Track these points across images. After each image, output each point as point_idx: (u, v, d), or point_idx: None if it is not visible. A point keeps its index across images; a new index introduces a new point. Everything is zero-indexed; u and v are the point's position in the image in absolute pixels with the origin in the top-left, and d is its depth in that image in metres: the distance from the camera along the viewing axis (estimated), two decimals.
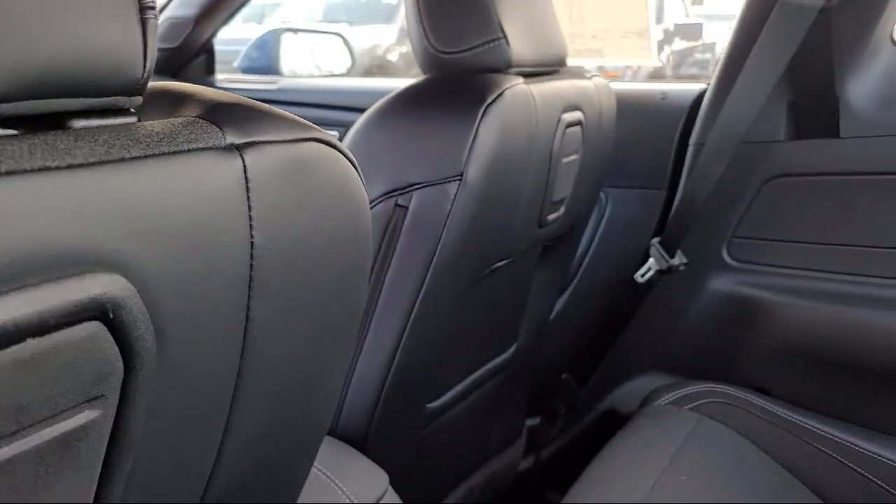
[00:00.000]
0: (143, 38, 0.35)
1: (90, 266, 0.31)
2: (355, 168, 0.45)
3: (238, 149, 0.37)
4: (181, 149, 0.35)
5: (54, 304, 0.30)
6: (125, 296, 0.32)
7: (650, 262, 1.29)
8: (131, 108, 0.37)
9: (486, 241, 0.91)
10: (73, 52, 0.32)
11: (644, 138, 1.38)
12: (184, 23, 1.73)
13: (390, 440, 0.96)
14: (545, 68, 1.01)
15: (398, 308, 0.87)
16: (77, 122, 0.34)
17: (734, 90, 1.18)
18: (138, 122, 0.36)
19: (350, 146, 0.87)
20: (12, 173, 0.29)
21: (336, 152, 0.43)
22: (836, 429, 1.11)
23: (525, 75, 0.92)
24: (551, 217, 1.03)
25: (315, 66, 2.15)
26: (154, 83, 0.39)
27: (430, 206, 0.84)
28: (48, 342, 0.30)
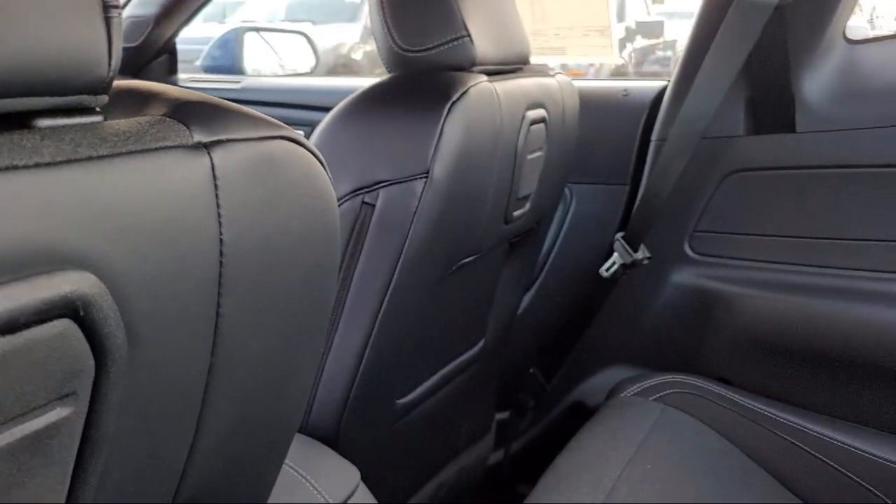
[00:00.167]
0: (108, 37, 0.35)
1: (60, 264, 0.31)
2: (323, 166, 0.45)
3: (206, 147, 0.38)
4: (149, 147, 0.35)
5: (24, 302, 0.30)
6: (95, 293, 0.32)
7: (614, 256, 1.30)
8: (97, 108, 0.36)
9: (453, 237, 0.92)
10: (38, 51, 0.32)
11: (607, 135, 1.39)
12: (144, 21, 1.71)
13: (361, 436, 0.96)
14: (509, 66, 1.02)
15: (367, 305, 0.87)
16: (42, 122, 0.34)
17: (694, 87, 1.20)
18: (104, 121, 0.36)
19: (316, 145, 0.87)
20: None
21: (304, 150, 0.44)
22: (795, 415, 1.14)
23: (489, 73, 0.93)
24: (517, 213, 1.04)
25: (279, 66, 2.14)
26: (119, 82, 0.39)
27: (397, 203, 0.85)
28: (19, 340, 0.30)
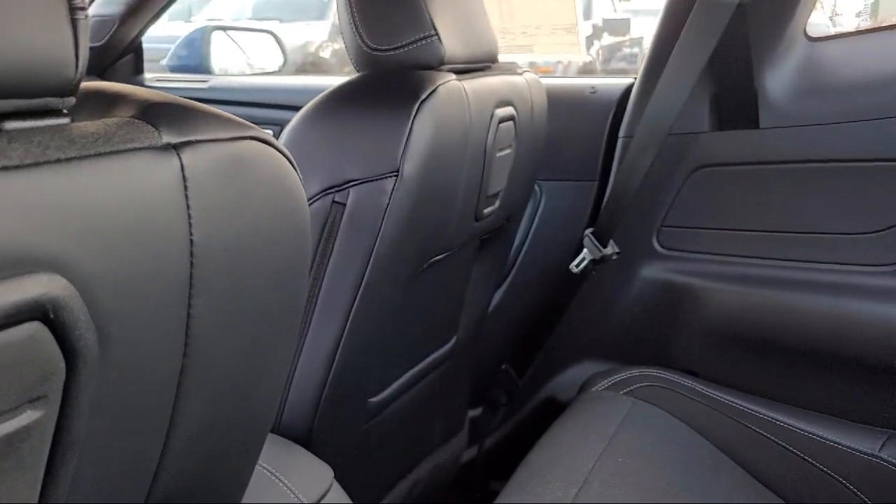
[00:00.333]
0: (75, 39, 0.35)
1: (29, 267, 0.31)
2: (293, 165, 0.46)
3: (175, 148, 0.38)
4: (117, 149, 0.35)
5: None
6: (65, 296, 0.32)
7: (584, 252, 1.31)
8: (64, 110, 0.36)
9: (424, 235, 0.92)
10: (3, 53, 0.32)
11: (575, 132, 1.41)
12: (109, 21, 1.68)
13: (334, 435, 0.96)
14: (477, 64, 1.03)
15: (338, 304, 0.87)
16: (10, 124, 0.33)
17: (660, 84, 1.22)
18: (72, 123, 0.36)
19: (286, 144, 0.87)
20: None
21: (273, 150, 0.44)
22: (762, 406, 1.16)
23: (457, 72, 0.94)
24: (487, 210, 1.05)
25: (246, 65, 2.13)
26: (86, 83, 0.39)
27: (368, 202, 0.85)
28: None
